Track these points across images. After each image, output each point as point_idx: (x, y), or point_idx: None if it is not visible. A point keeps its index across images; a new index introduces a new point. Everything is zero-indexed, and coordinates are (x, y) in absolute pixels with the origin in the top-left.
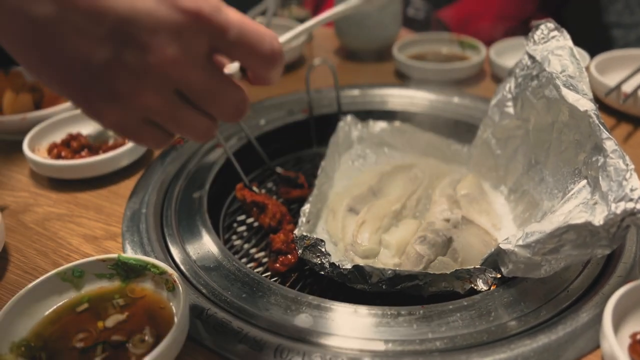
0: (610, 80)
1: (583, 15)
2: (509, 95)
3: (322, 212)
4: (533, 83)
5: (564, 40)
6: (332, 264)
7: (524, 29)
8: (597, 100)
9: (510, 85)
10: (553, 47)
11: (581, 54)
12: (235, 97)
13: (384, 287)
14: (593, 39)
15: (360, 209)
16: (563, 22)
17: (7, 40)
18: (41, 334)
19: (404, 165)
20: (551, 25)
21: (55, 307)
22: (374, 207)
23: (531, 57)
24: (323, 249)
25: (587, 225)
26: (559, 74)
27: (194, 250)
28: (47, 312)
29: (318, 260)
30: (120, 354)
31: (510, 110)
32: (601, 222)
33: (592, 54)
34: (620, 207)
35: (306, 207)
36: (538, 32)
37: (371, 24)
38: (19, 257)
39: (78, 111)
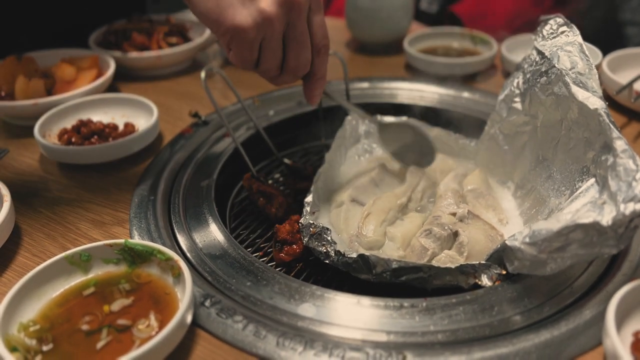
0: (623, 78)
1: (597, 13)
2: (517, 91)
3: (325, 203)
4: (542, 79)
5: (573, 35)
6: (337, 252)
7: (537, 25)
8: (608, 98)
9: (518, 80)
10: (562, 42)
11: (594, 51)
12: (308, 56)
13: (388, 277)
14: (607, 36)
15: (363, 199)
16: (576, 19)
17: None
18: (48, 316)
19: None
20: (560, 20)
21: (62, 290)
22: (380, 199)
23: (540, 52)
24: (329, 238)
25: (595, 225)
26: (568, 70)
27: (200, 237)
28: (54, 295)
29: (323, 249)
30: (124, 337)
31: (518, 106)
32: (609, 223)
33: (606, 51)
34: (629, 208)
35: (309, 198)
36: (547, 28)
37: (383, 17)
38: (28, 240)
39: (89, 97)
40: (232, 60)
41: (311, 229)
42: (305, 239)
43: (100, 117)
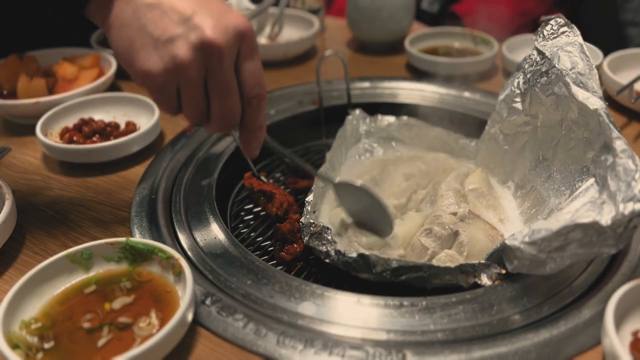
0: (623, 78)
1: (598, 13)
2: (517, 91)
3: (325, 202)
4: (542, 79)
5: (574, 36)
6: (337, 252)
7: (538, 25)
8: (608, 98)
9: (518, 80)
10: (563, 43)
11: (594, 51)
12: (234, 106)
13: (388, 277)
14: (608, 37)
15: None
16: (578, 20)
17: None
18: (49, 314)
19: (407, 157)
20: (561, 20)
21: (63, 288)
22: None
23: (540, 52)
24: (329, 237)
25: (594, 225)
26: (568, 70)
27: (201, 236)
28: (55, 293)
29: (324, 248)
30: (125, 335)
31: (519, 106)
32: (609, 222)
33: (607, 52)
34: (628, 208)
35: (310, 197)
36: (547, 28)
37: (384, 17)
38: (29, 239)
39: (90, 96)
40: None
41: (312, 228)
42: (306, 238)
43: (101, 115)
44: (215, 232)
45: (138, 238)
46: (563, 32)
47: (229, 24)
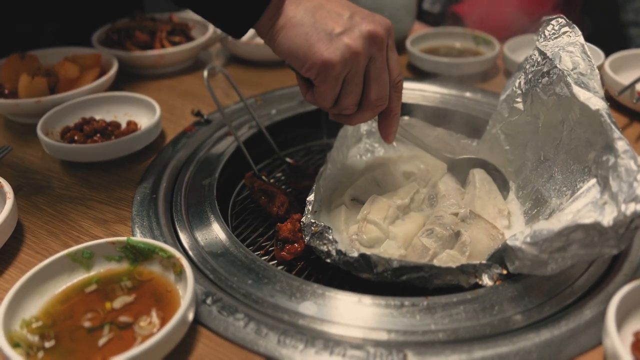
0: (625, 79)
1: (600, 13)
2: (519, 91)
3: (326, 202)
4: (544, 80)
5: (575, 36)
6: (339, 251)
7: (539, 25)
8: (610, 98)
9: (520, 80)
10: (564, 43)
11: (596, 52)
12: (387, 91)
13: (389, 277)
14: (610, 37)
15: (364, 199)
16: (580, 20)
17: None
18: (50, 313)
19: (407, 157)
20: (562, 21)
21: (64, 287)
22: (379, 198)
23: (542, 53)
24: (330, 237)
25: (596, 226)
26: (570, 71)
27: (202, 236)
28: (56, 292)
29: (325, 248)
30: (126, 334)
31: (520, 106)
32: (610, 223)
33: (609, 52)
34: (630, 209)
35: (310, 197)
36: (549, 28)
37: (385, 17)
38: (30, 238)
39: (92, 96)
40: (312, 99)
41: (313, 228)
42: (307, 238)
43: (102, 115)
44: (216, 232)
45: (139, 237)
46: (564, 33)
47: (380, 21)
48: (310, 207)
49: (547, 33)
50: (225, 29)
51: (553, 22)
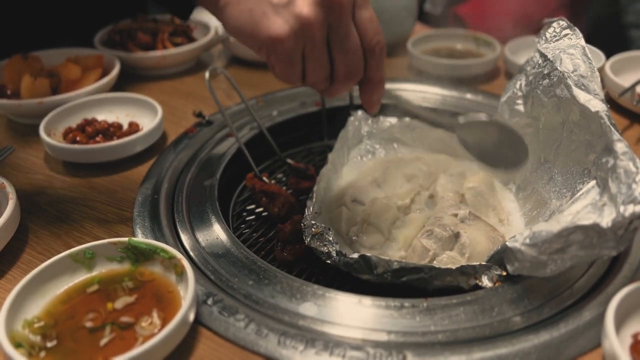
0: (625, 81)
1: (602, 15)
2: (519, 93)
3: (327, 203)
4: (544, 82)
5: (576, 38)
6: (339, 252)
7: (540, 27)
8: (610, 100)
9: (520, 82)
10: (565, 45)
11: (597, 54)
12: (359, 59)
13: (389, 278)
14: (611, 39)
15: (365, 200)
16: (581, 22)
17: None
18: (52, 313)
19: (408, 158)
20: (563, 23)
21: (66, 287)
22: (378, 200)
23: (542, 55)
24: (330, 238)
25: (595, 227)
26: (570, 73)
27: (203, 237)
28: (58, 292)
29: (325, 249)
30: (127, 334)
31: (521, 108)
32: (609, 224)
33: (610, 54)
34: (629, 210)
35: (312, 198)
36: (550, 30)
37: (386, 19)
38: (32, 238)
39: (94, 97)
40: (277, 77)
41: (313, 229)
42: (307, 239)
43: (105, 116)
44: (217, 233)
45: (140, 238)
46: (565, 35)
47: None
48: (310, 208)
49: (548, 35)
50: (172, 10)
51: (554, 24)
